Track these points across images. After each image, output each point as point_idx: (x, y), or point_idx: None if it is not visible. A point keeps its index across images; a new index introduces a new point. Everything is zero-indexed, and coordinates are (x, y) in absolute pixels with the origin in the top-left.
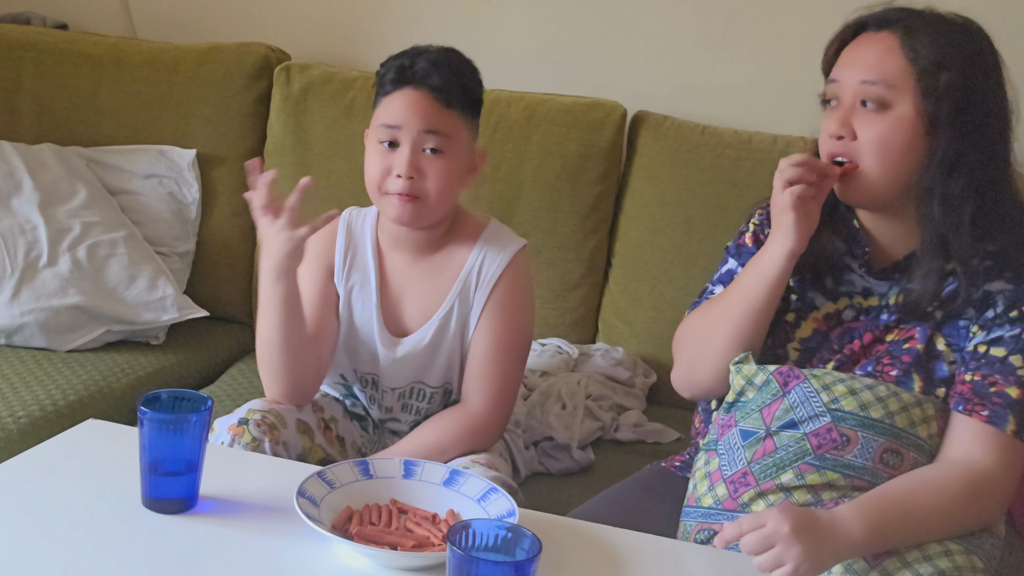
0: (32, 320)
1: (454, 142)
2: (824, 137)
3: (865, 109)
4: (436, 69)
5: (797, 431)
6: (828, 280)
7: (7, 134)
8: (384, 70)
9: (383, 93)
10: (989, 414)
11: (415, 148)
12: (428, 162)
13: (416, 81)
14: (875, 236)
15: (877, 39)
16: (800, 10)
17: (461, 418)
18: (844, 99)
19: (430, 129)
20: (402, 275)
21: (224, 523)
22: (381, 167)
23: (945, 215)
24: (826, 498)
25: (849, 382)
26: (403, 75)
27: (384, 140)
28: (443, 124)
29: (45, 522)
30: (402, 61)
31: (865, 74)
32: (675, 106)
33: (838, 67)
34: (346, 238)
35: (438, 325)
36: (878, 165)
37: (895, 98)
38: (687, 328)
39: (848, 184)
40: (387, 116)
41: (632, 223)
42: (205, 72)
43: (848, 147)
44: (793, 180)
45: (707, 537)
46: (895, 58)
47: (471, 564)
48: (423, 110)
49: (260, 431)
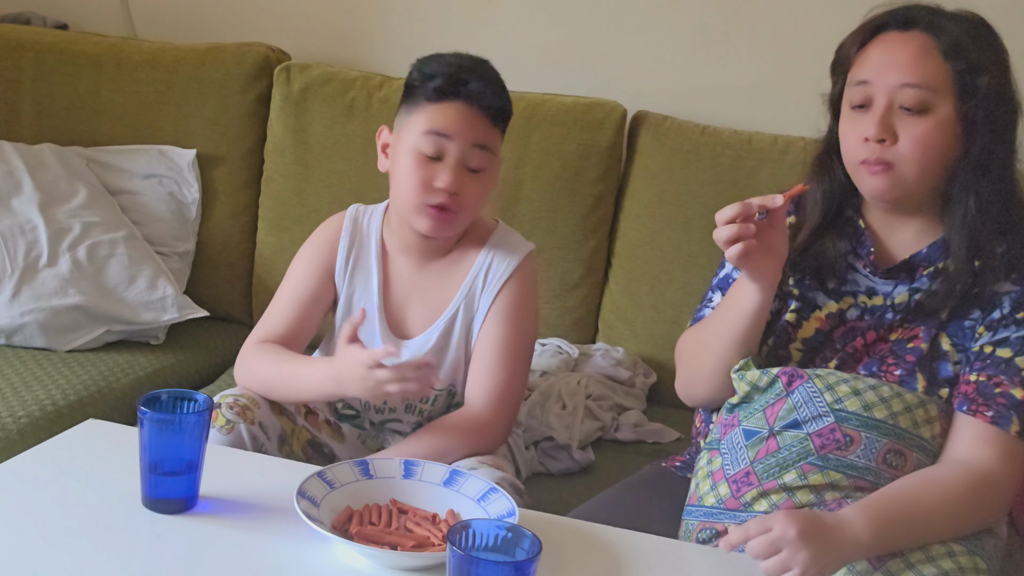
0: (32, 320)
1: (493, 159)
2: (855, 141)
3: (903, 112)
4: (489, 88)
5: (800, 431)
6: (831, 281)
7: (7, 134)
8: (424, 76)
9: (427, 99)
10: (993, 415)
11: (460, 162)
12: (469, 179)
13: (469, 97)
14: (880, 237)
15: (907, 39)
16: (800, 10)
17: (464, 421)
18: (878, 102)
19: (479, 144)
20: (407, 278)
21: (224, 523)
22: (421, 178)
23: (979, 215)
24: (829, 498)
25: (853, 382)
26: (455, 88)
27: (428, 150)
28: (490, 141)
29: (45, 522)
30: (450, 71)
31: (905, 77)
32: (675, 106)
33: (868, 69)
34: (350, 237)
35: (443, 328)
36: (917, 167)
37: (935, 101)
38: (683, 345)
39: (881, 184)
40: (436, 124)
41: (632, 223)
42: (205, 72)
43: (887, 151)
44: (730, 239)
45: (709, 536)
46: (932, 60)
47: (471, 564)
48: (475, 126)
49: (233, 413)
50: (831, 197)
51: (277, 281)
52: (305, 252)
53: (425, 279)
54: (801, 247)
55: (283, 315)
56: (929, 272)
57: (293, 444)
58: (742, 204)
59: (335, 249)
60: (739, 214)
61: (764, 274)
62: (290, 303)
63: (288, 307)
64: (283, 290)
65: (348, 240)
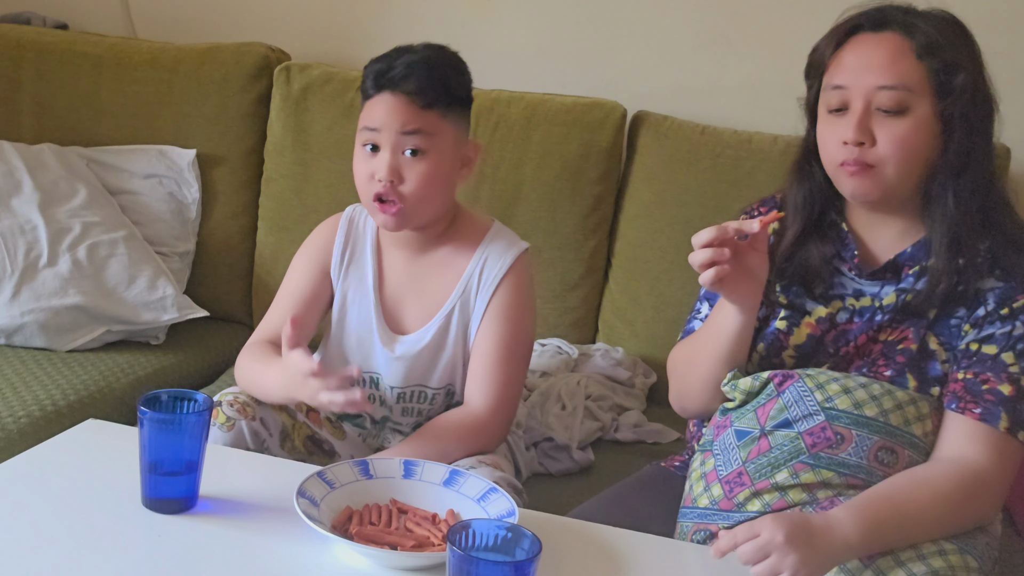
0: (32, 320)
1: (436, 141)
2: (834, 144)
3: (880, 114)
4: (413, 71)
5: (791, 430)
6: (819, 287)
7: (7, 134)
8: (365, 74)
9: (364, 98)
10: (982, 412)
11: (395, 151)
12: (408, 165)
13: (392, 86)
14: (864, 238)
15: (881, 40)
16: (800, 10)
17: (463, 421)
18: (855, 105)
19: (407, 130)
20: (402, 272)
21: (224, 523)
22: (364, 172)
23: (958, 212)
24: (821, 497)
25: (843, 380)
26: (380, 80)
27: (366, 144)
28: (421, 124)
29: (45, 522)
30: (380, 65)
31: (880, 79)
32: (675, 106)
33: (843, 72)
34: (346, 234)
35: (439, 326)
36: (897, 167)
37: (912, 101)
38: (674, 360)
39: (862, 185)
40: (366, 120)
41: (632, 223)
42: (205, 72)
43: (867, 152)
44: (705, 264)
45: (704, 538)
46: (907, 60)
47: (471, 564)
48: (399, 113)
49: (234, 410)
50: (812, 201)
51: (277, 281)
52: (302, 252)
53: (420, 273)
54: (786, 255)
55: (281, 315)
56: (915, 271)
57: (295, 439)
58: (719, 228)
59: (330, 247)
60: (715, 238)
61: (742, 297)
62: (288, 302)
63: (286, 307)
64: (282, 291)
65: (344, 237)
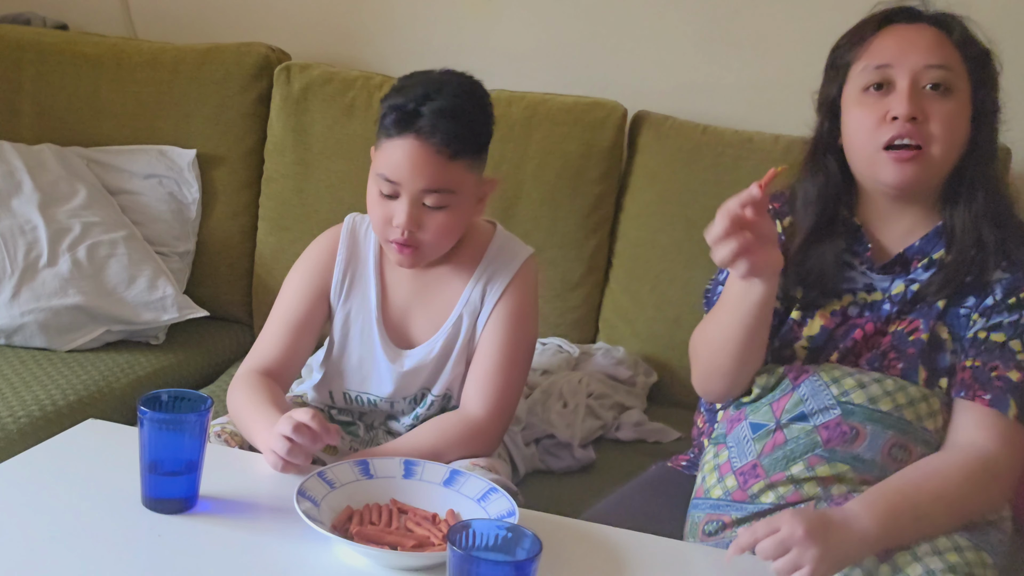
0: (32, 320)
1: (457, 195)
2: (873, 123)
3: (928, 92)
4: (442, 121)
5: (807, 423)
6: (832, 283)
7: (7, 134)
8: (387, 107)
9: (384, 133)
10: (991, 398)
11: (414, 203)
12: (429, 215)
13: (419, 132)
14: (875, 234)
15: (919, 29)
16: (800, 10)
17: (461, 424)
18: (901, 83)
19: (431, 188)
20: (407, 286)
21: (224, 523)
22: (381, 215)
23: (987, 202)
24: (835, 492)
25: (858, 375)
26: (406, 123)
27: (384, 192)
28: (446, 181)
29: (45, 522)
30: (404, 103)
31: (928, 58)
32: (676, 106)
33: (886, 52)
34: (347, 252)
35: (447, 336)
36: (943, 148)
37: (957, 83)
38: (696, 341)
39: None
40: (386, 167)
41: (633, 222)
42: (205, 72)
43: (921, 128)
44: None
45: (716, 528)
46: (948, 45)
47: (471, 564)
48: (424, 167)
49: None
50: (825, 195)
51: (277, 281)
52: (300, 269)
53: (425, 286)
54: (800, 257)
55: (275, 340)
56: (923, 264)
57: None
58: (727, 216)
59: (331, 268)
60: (730, 227)
61: (767, 267)
62: (282, 327)
63: (280, 332)
64: (276, 312)
65: (345, 257)
